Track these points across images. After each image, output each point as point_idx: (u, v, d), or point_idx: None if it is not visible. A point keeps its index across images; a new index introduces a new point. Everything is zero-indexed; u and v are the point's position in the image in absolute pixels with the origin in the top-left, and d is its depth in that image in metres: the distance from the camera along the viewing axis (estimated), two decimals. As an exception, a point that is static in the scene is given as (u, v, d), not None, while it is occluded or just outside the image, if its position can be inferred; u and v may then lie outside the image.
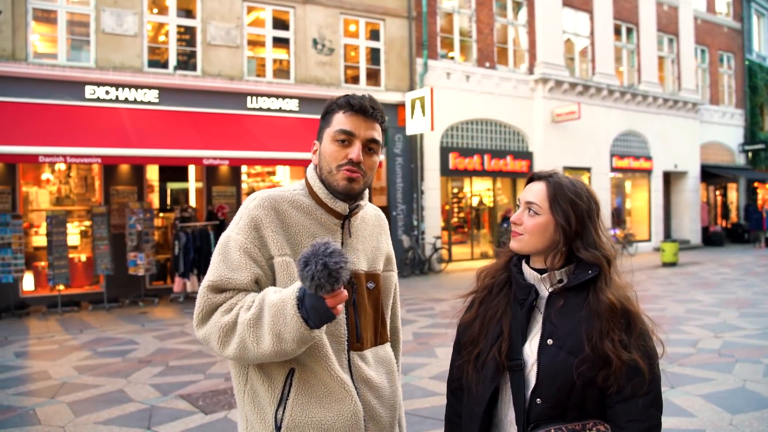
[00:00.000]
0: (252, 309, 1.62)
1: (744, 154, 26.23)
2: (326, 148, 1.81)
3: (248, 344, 1.60)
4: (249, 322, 1.60)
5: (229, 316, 1.65)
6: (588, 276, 1.65)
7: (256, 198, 1.80)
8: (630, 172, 21.91)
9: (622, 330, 1.60)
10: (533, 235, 1.70)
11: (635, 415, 1.56)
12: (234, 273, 1.69)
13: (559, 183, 1.72)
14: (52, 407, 5.78)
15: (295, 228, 1.78)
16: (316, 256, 1.42)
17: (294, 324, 1.54)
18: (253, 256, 1.72)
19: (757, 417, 5.04)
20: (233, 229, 1.78)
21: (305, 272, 1.42)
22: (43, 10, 12.19)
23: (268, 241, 1.73)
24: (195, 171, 14.35)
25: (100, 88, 12.31)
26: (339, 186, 1.78)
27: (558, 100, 18.80)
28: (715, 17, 25.02)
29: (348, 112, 1.80)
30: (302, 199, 1.83)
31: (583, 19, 20.27)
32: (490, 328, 1.74)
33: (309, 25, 14.79)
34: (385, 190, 16.37)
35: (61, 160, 10.56)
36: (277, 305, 1.57)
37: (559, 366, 1.58)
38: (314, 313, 1.51)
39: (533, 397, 1.61)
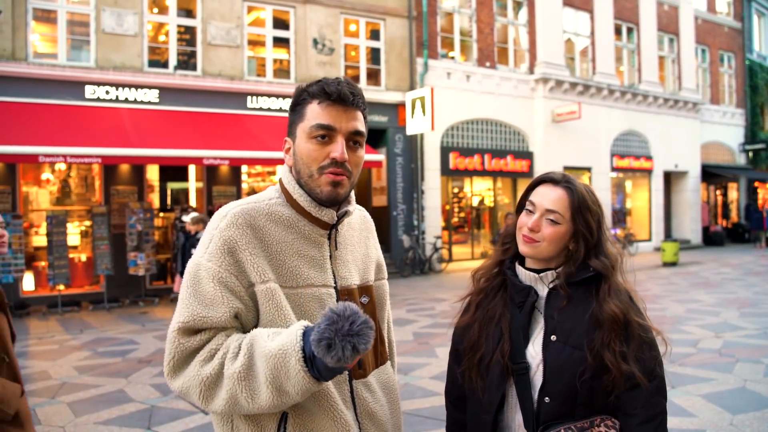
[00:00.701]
0: (240, 358, 1.36)
1: (744, 153, 26.21)
2: (302, 147, 1.53)
3: (240, 400, 1.36)
4: (239, 374, 1.35)
5: (210, 366, 1.38)
6: (589, 273, 1.65)
7: (227, 215, 1.50)
8: (630, 172, 21.90)
9: (622, 341, 1.59)
10: (551, 243, 1.67)
11: (642, 401, 1.58)
12: (208, 309, 1.41)
13: (581, 193, 1.69)
14: (52, 407, 5.78)
15: (276, 246, 1.51)
16: (342, 338, 1.22)
17: (300, 380, 1.31)
18: (230, 287, 1.43)
19: (758, 417, 5.03)
20: (202, 254, 1.47)
21: (330, 356, 1.22)
22: (43, 9, 12.19)
23: (247, 267, 1.45)
24: (195, 171, 14.34)
25: (100, 87, 12.31)
26: (323, 193, 1.51)
27: (558, 100, 18.79)
28: (715, 17, 25.01)
29: (324, 102, 1.51)
30: (281, 210, 1.55)
31: (584, 18, 20.25)
32: (490, 331, 1.72)
33: (309, 25, 14.78)
34: (385, 190, 16.37)
35: (61, 159, 10.56)
36: (277, 357, 1.32)
37: (564, 360, 1.58)
38: (328, 374, 1.32)
39: (541, 397, 1.60)
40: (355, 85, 1.56)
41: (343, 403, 1.52)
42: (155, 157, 11.48)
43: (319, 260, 1.56)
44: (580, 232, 1.68)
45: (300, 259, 1.53)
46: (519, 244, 1.72)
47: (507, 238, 1.82)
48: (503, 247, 1.82)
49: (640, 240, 21.61)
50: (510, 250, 1.80)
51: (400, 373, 6.53)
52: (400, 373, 6.52)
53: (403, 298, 12.11)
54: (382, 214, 16.43)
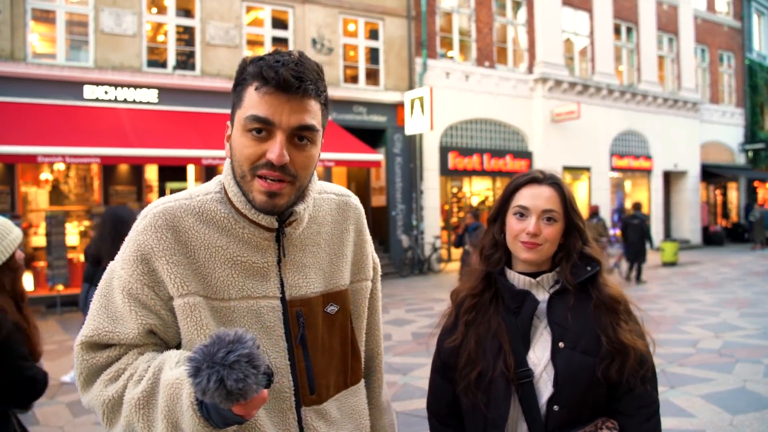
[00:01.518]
0: (142, 383, 1.19)
1: (744, 153, 26.21)
2: (236, 140, 1.25)
3: (137, 429, 1.19)
4: (138, 402, 1.18)
5: (113, 387, 1.23)
6: (588, 273, 1.63)
7: (147, 215, 1.28)
8: (630, 172, 21.90)
9: (627, 320, 1.62)
10: (552, 243, 1.65)
11: (643, 401, 1.58)
12: (116, 324, 1.24)
13: (566, 187, 1.69)
14: (50, 408, 5.77)
15: (204, 252, 1.26)
16: (210, 365, 1.00)
17: (190, 420, 1.10)
18: (141, 301, 1.24)
19: (758, 417, 5.02)
20: (119, 259, 1.29)
21: (195, 384, 1.01)
22: (42, 10, 12.17)
23: (164, 277, 1.23)
24: (194, 171, 14.34)
25: (99, 87, 12.30)
26: (255, 201, 1.25)
27: (557, 100, 18.79)
28: (715, 16, 25.00)
29: (263, 89, 1.20)
30: (215, 208, 1.30)
31: (583, 18, 20.25)
32: (487, 346, 1.65)
33: (308, 25, 14.77)
34: (384, 190, 16.36)
35: (60, 160, 10.55)
36: (173, 387, 1.14)
37: (576, 367, 1.55)
38: (217, 416, 1.08)
39: (550, 405, 1.56)
40: (307, 63, 1.25)
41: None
42: (154, 157, 11.47)
43: (261, 267, 1.31)
44: (574, 225, 1.67)
45: (234, 267, 1.29)
46: (518, 252, 1.66)
47: (490, 249, 1.73)
48: (490, 260, 1.72)
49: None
50: (500, 260, 1.71)
51: (398, 373, 6.52)
52: (399, 373, 6.51)
53: (402, 298, 12.11)
54: (381, 214, 16.43)
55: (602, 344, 1.56)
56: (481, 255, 1.75)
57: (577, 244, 1.66)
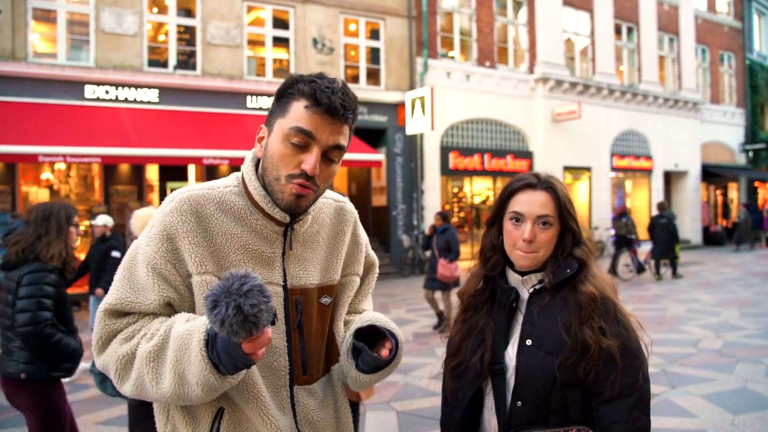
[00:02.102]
0: (155, 339, 1.31)
1: (744, 153, 26.20)
2: (276, 145, 1.41)
3: (146, 382, 1.30)
4: (149, 354, 1.30)
5: (128, 345, 1.34)
6: (566, 275, 1.62)
7: (174, 199, 1.43)
8: (630, 172, 21.89)
9: (601, 317, 1.58)
10: (548, 248, 1.65)
11: (618, 416, 1.52)
12: (138, 295, 1.36)
13: (562, 190, 1.68)
14: (51, 407, 5.76)
15: (221, 237, 1.42)
16: (228, 295, 1.12)
17: (198, 366, 1.23)
18: (164, 275, 1.37)
19: (759, 417, 5.02)
20: (144, 237, 1.42)
21: (214, 315, 1.12)
22: (43, 9, 12.18)
23: (185, 256, 1.37)
24: (195, 171, 14.34)
25: (99, 87, 12.30)
26: (283, 200, 1.41)
27: (558, 100, 18.78)
28: (715, 16, 24.99)
29: (313, 108, 1.38)
30: (234, 200, 1.45)
31: (584, 18, 20.24)
32: (471, 339, 1.70)
33: (309, 25, 14.77)
34: (385, 190, 16.36)
35: (60, 159, 10.55)
36: (183, 338, 1.26)
37: (537, 366, 1.56)
38: (227, 358, 1.21)
39: (514, 400, 1.58)
40: (350, 93, 1.45)
41: (279, 408, 1.44)
42: (155, 156, 11.47)
43: (268, 257, 1.46)
44: (568, 227, 1.67)
45: (246, 254, 1.43)
46: (515, 259, 1.67)
47: (488, 252, 1.75)
48: (488, 263, 1.74)
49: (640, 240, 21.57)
50: (498, 263, 1.73)
51: (399, 373, 6.51)
52: (400, 373, 6.50)
53: (403, 297, 12.11)
54: (382, 214, 16.43)
55: (565, 342, 1.55)
56: (480, 258, 1.78)
57: (567, 246, 1.67)
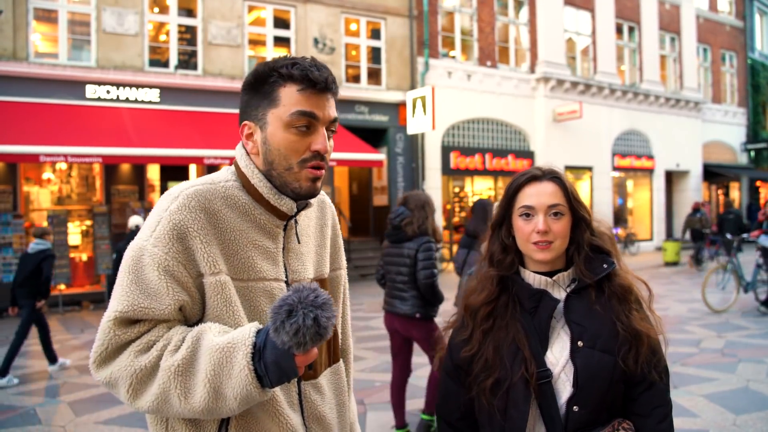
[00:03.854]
0: (182, 351, 1.24)
1: (746, 153, 26.17)
2: (279, 136, 1.37)
3: (172, 397, 1.23)
4: (177, 368, 1.22)
5: (146, 357, 1.25)
6: (606, 270, 1.61)
7: (180, 195, 1.35)
8: (632, 172, 21.87)
9: (639, 309, 1.63)
10: (563, 238, 1.62)
11: (658, 401, 1.58)
12: (151, 300, 1.27)
13: (567, 179, 1.67)
14: (52, 407, 5.77)
15: (230, 234, 1.37)
16: (304, 306, 1.13)
17: (242, 379, 1.19)
18: (176, 277, 1.29)
19: (761, 417, 5.01)
20: (147, 237, 1.31)
21: (289, 324, 1.12)
22: (44, 9, 12.18)
23: (197, 255, 1.31)
24: (196, 170, 14.34)
25: (101, 87, 12.31)
26: (302, 188, 1.40)
27: (559, 99, 18.77)
28: (717, 16, 24.96)
29: (308, 90, 1.36)
30: (238, 194, 1.41)
31: (585, 17, 20.22)
32: (504, 352, 1.61)
33: (310, 25, 14.77)
34: (386, 190, 16.36)
35: (62, 159, 10.55)
36: (224, 351, 1.21)
37: (596, 367, 1.53)
38: (276, 370, 1.19)
39: (570, 406, 1.53)
40: (326, 66, 1.43)
41: (289, 406, 1.42)
42: (156, 156, 11.47)
43: (272, 252, 1.44)
44: (581, 217, 1.65)
45: (254, 249, 1.40)
46: (532, 253, 1.62)
47: (500, 254, 1.69)
48: (502, 264, 1.68)
49: (641, 240, 21.58)
50: (512, 263, 1.68)
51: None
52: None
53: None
54: (383, 214, 16.42)
55: (619, 333, 1.56)
56: (491, 262, 1.71)
57: (585, 236, 1.64)
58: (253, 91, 1.41)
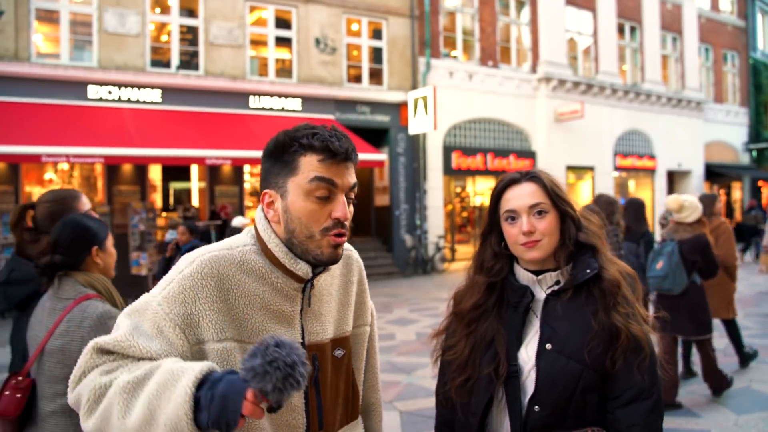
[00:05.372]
0: (138, 371, 1.22)
1: (748, 152, 26.13)
2: (299, 205, 1.38)
3: (112, 415, 1.19)
4: (127, 384, 1.20)
5: (108, 377, 1.24)
6: (587, 275, 1.60)
7: (194, 261, 1.37)
8: (633, 171, 21.85)
9: (626, 303, 1.59)
10: (551, 235, 1.63)
11: (636, 419, 1.53)
12: (138, 343, 1.26)
13: (547, 177, 1.68)
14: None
15: (242, 299, 1.38)
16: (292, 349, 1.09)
17: (178, 404, 1.11)
18: (169, 339, 1.29)
19: (763, 417, 5.00)
20: (158, 293, 1.35)
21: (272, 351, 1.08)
22: (46, 10, 12.20)
23: (202, 322, 1.32)
24: (198, 171, 14.37)
25: (102, 87, 12.32)
26: (324, 255, 1.40)
27: (561, 99, 18.76)
28: (719, 15, 24.93)
29: (329, 160, 1.38)
30: (254, 259, 1.42)
31: (587, 17, 20.21)
32: (479, 351, 1.65)
33: (311, 25, 14.77)
34: (387, 190, 16.36)
35: (63, 159, 10.57)
36: (173, 372, 1.17)
37: (558, 371, 1.53)
38: (219, 405, 1.09)
39: (531, 405, 1.55)
40: (345, 134, 1.45)
41: None
42: (158, 157, 11.48)
43: (289, 315, 1.44)
44: (566, 212, 1.65)
45: (268, 314, 1.41)
46: (522, 254, 1.64)
47: (490, 261, 1.71)
48: (492, 271, 1.70)
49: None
50: (502, 269, 1.70)
51: (402, 372, 6.52)
52: (403, 373, 6.50)
53: (406, 297, 12.10)
54: (385, 214, 16.43)
55: (593, 329, 1.54)
56: (481, 269, 1.73)
57: (570, 232, 1.65)
58: (274, 160, 1.42)
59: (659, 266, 5.12)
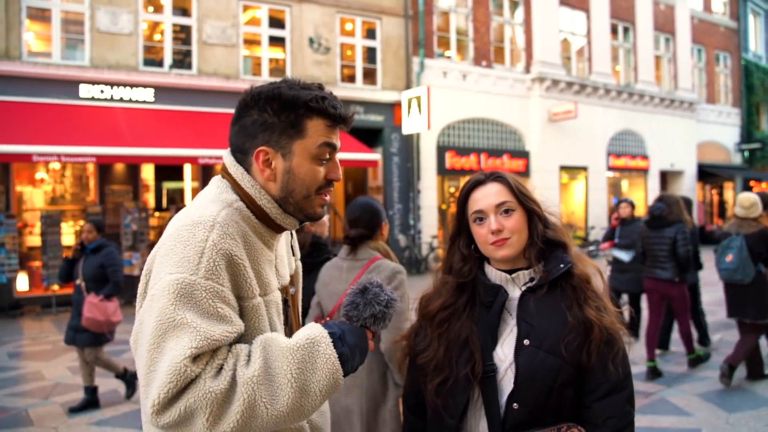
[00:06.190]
0: (256, 361, 1.23)
1: (740, 153, 26.25)
2: (306, 167, 1.42)
3: (259, 408, 1.20)
4: (258, 378, 1.21)
5: (221, 379, 1.20)
6: (561, 270, 1.62)
7: (215, 224, 1.32)
8: (626, 171, 21.92)
9: (595, 297, 1.63)
10: (519, 233, 1.64)
11: (612, 411, 1.55)
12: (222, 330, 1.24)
13: (511, 177, 1.71)
14: (45, 408, 5.75)
15: (256, 254, 1.41)
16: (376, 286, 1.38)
17: (328, 369, 1.26)
18: (232, 305, 1.31)
19: (754, 416, 5.02)
20: (190, 270, 1.25)
21: (382, 296, 1.38)
22: (38, 8, 12.13)
23: (241, 281, 1.33)
24: (191, 170, 14.31)
25: (94, 86, 12.26)
26: (315, 213, 1.48)
27: (555, 99, 18.79)
28: (711, 16, 25.04)
29: (334, 126, 1.45)
30: (249, 214, 1.43)
31: (580, 18, 20.26)
32: (454, 352, 1.65)
33: (305, 24, 14.75)
34: (381, 190, 16.35)
35: (55, 159, 10.51)
36: (304, 348, 1.26)
37: (537, 367, 1.54)
38: (357, 353, 1.34)
39: (509, 403, 1.55)
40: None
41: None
42: (150, 156, 11.43)
43: (273, 264, 1.52)
44: (531, 210, 1.68)
45: (269, 266, 1.47)
46: (492, 253, 1.66)
47: (459, 263, 1.73)
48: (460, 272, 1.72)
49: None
50: (471, 270, 1.71)
51: (395, 372, 6.50)
52: (396, 373, 6.49)
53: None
54: (379, 214, 16.40)
55: (568, 323, 1.56)
56: (450, 271, 1.75)
57: (538, 229, 1.67)
58: (275, 116, 1.41)
59: (729, 259, 5.76)
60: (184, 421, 1.17)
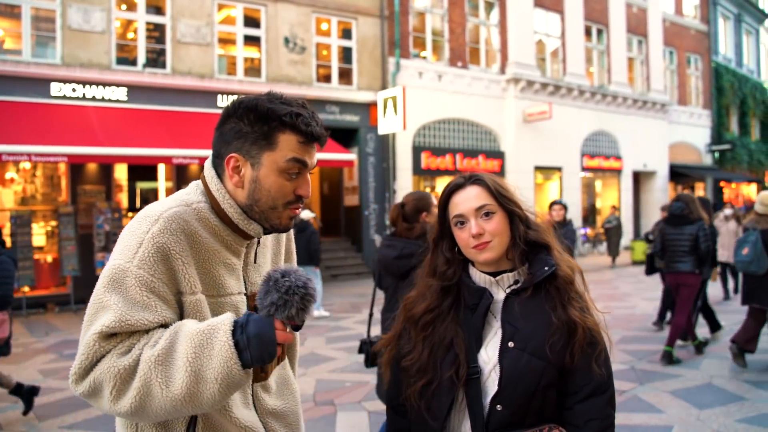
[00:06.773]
0: (161, 342, 1.29)
1: (711, 154, 26.73)
2: (271, 180, 1.46)
3: (154, 387, 1.25)
4: (157, 357, 1.26)
5: (128, 356, 1.28)
6: (546, 273, 1.62)
7: (160, 218, 1.39)
8: (600, 172, 22.18)
9: (578, 298, 1.64)
10: (501, 235, 1.64)
11: (594, 413, 1.57)
12: (139, 316, 1.31)
13: (491, 179, 1.70)
14: (15, 412, 5.64)
15: (205, 254, 1.45)
16: (296, 273, 1.29)
17: (223, 357, 1.25)
18: (162, 296, 1.35)
19: (723, 411, 5.12)
20: (127, 258, 1.35)
21: (282, 282, 1.27)
22: (7, 4, 11.89)
23: (179, 276, 1.38)
24: (165, 170, 14.15)
25: (66, 85, 12.06)
26: (281, 225, 1.51)
27: (529, 100, 18.95)
28: (682, 19, 25.45)
29: (306, 143, 1.48)
30: (208, 216, 1.47)
31: (555, 19, 20.45)
32: (438, 354, 1.66)
33: (281, 24, 14.68)
34: (357, 190, 16.34)
35: (25, 158, 10.33)
36: (204, 333, 1.28)
37: (522, 369, 1.55)
38: (257, 343, 1.27)
39: (493, 404, 1.56)
40: (319, 117, 1.55)
41: (245, 407, 1.53)
42: (123, 156, 11.28)
43: (236, 269, 1.54)
44: (512, 212, 1.67)
45: (224, 267, 1.50)
46: (475, 257, 1.66)
47: (443, 266, 1.73)
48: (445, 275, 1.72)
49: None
50: (455, 273, 1.72)
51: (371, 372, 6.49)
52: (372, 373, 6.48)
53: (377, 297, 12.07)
54: (354, 214, 16.41)
55: (552, 324, 1.57)
56: (434, 274, 1.75)
57: (520, 231, 1.67)
58: (249, 125, 1.45)
59: (745, 252, 6.26)
60: (94, 392, 1.30)
